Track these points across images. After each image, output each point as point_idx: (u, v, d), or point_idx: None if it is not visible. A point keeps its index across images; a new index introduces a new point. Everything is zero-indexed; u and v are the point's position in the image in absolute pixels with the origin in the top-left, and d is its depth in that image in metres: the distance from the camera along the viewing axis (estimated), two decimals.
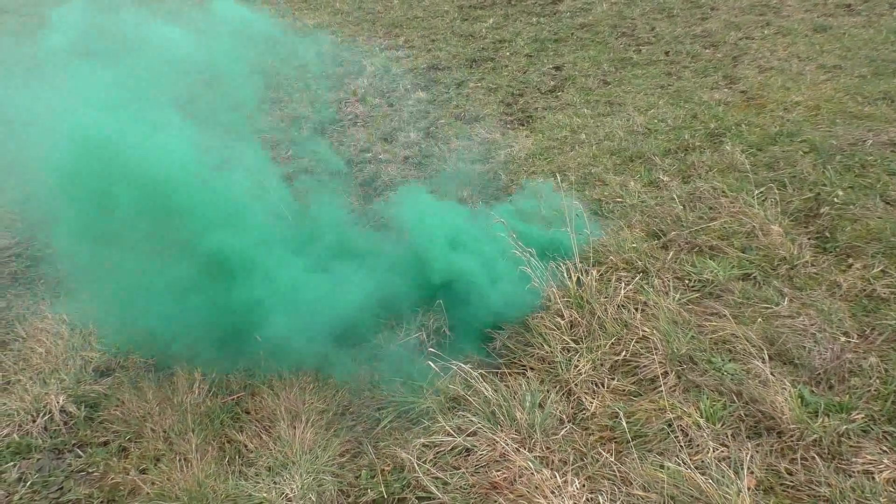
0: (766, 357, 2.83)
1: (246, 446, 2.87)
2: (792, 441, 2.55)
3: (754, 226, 3.64)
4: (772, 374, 2.75)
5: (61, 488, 2.80)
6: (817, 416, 2.60)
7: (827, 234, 3.59)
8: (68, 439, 3.01)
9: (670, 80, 6.05)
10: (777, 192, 3.90)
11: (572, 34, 7.72)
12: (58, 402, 3.11)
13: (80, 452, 2.95)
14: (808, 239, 3.57)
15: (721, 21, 7.21)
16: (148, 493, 2.67)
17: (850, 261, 3.39)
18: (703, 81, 5.86)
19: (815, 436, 2.52)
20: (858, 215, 3.65)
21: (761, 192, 3.93)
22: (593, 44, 7.32)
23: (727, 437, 2.60)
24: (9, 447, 2.96)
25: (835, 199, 3.80)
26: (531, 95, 6.33)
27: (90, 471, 2.86)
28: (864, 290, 3.19)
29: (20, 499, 2.74)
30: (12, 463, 2.90)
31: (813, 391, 2.74)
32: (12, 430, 3.04)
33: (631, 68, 6.48)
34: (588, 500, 2.43)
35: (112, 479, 2.79)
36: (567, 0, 8.95)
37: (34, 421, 3.06)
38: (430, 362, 3.09)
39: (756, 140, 4.61)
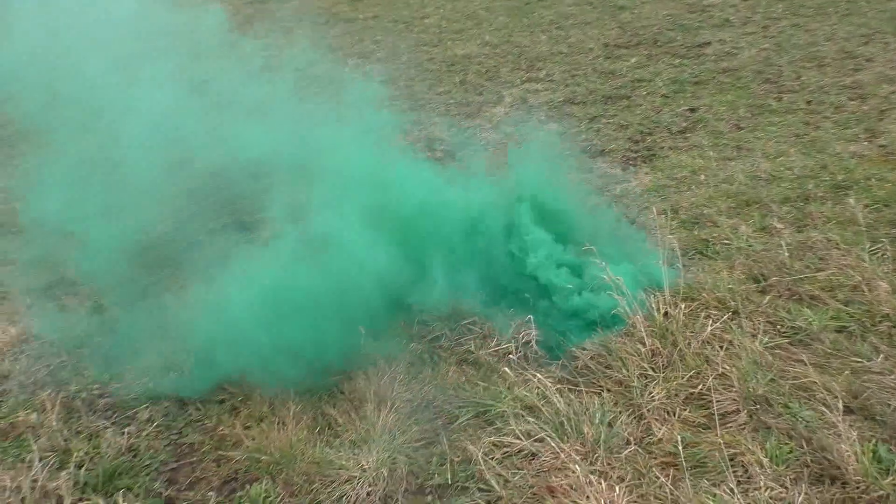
0: (841, 407, 2.79)
1: (336, 420, 3.22)
2: (856, 493, 2.52)
3: (860, 279, 3.56)
4: (850, 425, 2.73)
5: (180, 433, 3.29)
6: (888, 473, 2.56)
7: None
8: (192, 393, 3.50)
9: (807, 129, 5.89)
10: (894, 249, 3.77)
11: (714, 77, 7.66)
12: (190, 362, 3.63)
13: (199, 406, 3.43)
14: None
15: (874, 73, 6.89)
16: (247, 447, 3.09)
17: None
18: (841, 133, 5.67)
19: (882, 492, 2.49)
20: None
21: (876, 248, 3.82)
22: (733, 88, 7.23)
23: (787, 479, 2.61)
24: (145, 392, 3.52)
25: None
26: (660, 135, 6.38)
27: (205, 422, 3.34)
28: None
29: (147, 435, 3.26)
30: (145, 405, 3.44)
31: (891, 449, 2.68)
32: (150, 380, 3.60)
33: (768, 115, 6.36)
34: None
35: (221, 430, 3.24)
36: (715, 43, 8.86)
37: (168, 374, 3.60)
38: (512, 371, 3.33)
39: (884, 195, 4.44)
